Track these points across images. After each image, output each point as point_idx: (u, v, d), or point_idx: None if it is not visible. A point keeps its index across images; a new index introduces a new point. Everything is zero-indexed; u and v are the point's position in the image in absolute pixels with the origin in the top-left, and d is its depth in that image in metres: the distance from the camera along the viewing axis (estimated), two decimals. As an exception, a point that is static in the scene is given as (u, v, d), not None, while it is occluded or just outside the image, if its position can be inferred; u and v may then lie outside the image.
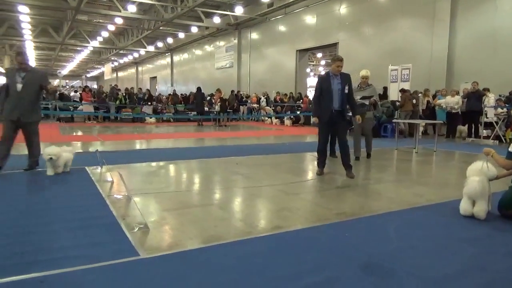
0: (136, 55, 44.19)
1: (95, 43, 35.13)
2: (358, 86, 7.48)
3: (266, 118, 20.12)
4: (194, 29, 28.53)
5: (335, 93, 5.71)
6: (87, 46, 36.90)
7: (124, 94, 19.78)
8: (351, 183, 5.50)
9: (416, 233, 3.31)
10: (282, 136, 13.52)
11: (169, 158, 7.34)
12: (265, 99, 21.67)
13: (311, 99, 20.19)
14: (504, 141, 10.90)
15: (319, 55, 35.70)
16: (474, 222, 3.61)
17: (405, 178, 6.05)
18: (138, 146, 9.88)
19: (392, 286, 2.33)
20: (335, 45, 19.55)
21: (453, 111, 12.13)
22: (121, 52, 41.54)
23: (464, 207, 3.76)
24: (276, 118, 19.33)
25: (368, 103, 7.32)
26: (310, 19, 20.98)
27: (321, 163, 6.00)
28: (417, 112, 13.09)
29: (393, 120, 12.06)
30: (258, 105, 21.88)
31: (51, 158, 5.23)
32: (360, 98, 7.28)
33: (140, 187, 4.92)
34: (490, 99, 11.54)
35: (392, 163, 7.63)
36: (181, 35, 31.53)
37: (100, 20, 29.27)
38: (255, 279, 2.40)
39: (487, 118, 11.68)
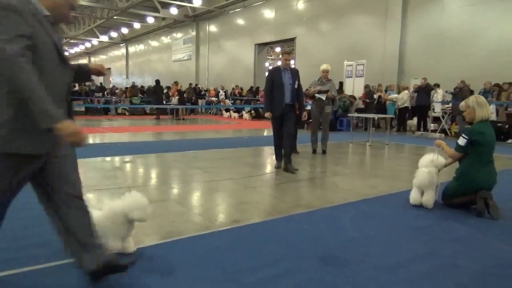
0: (88, 45, 42.25)
1: (42, 31, 33.13)
2: (319, 80, 7.60)
3: (225, 112, 20.03)
4: (151, 20, 27.73)
5: (287, 87, 5.70)
6: (34, 34, 34.76)
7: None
8: (309, 176, 5.62)
9: (370, 223, 3.44)
10: (241, 129, 13.53)
11: (125, 153, 7.11)
12: (223, 93, 21.56)
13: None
14: (450, 134, 11.60)
15: (278, 49, 35.96)
16: (423, 211, 3.81)
17: (360, 171, 6.27)
18: (91, 140, 9.48)
19: (347, 275, 2.41)
20: (293, 39, 19.79)
21: (399, 106, 12.74)
22: (72, 41, 39.56)
23: (414, 196, 3.97)
24: (234, 111, 19.29)
25: (325, 98, 7.43)
26: (268, 13, 21.06)
27: (278, 157, 6.06)
28: (373, 107, 13.62)
29: (348, 114, 12.47)
30: (216, 99, 21.73)
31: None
32: (317, 93, 7.41)
33: (93, 183, 4.73)
34: (438, 95, 12.23)
35: (347, 156, 7.87)
36: (137, 25, 30.56)
37: (48, 7, 27.63)
38: (215, 274, 2.39)
39: (434, 112, 12.38)
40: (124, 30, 34.66)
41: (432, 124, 12.39)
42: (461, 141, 3.82)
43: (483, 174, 3.74)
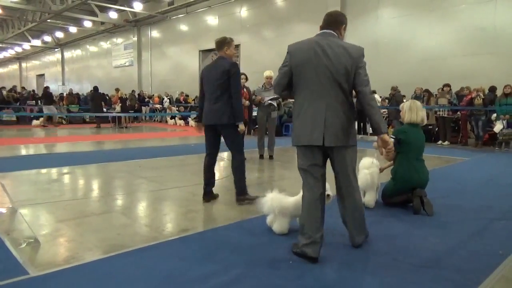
0: (19, 49, 39.41)
1: (-35, 34, 30.42)
2: (263, 86, 7.74)
3: (170, 119, 19.62)
4: (88, 24, 26.53)
5: None
6: (-45, 37, 31.81)
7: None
8: (257, 181, 5.67)
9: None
10: (187, 137, 13.33)
11: (63, 164, 6.70)
12: (168, 100, 21.12)
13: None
14: (387, 137, 12.31)
15: (222, 56, 36.03)
16: (365, 211, 3.98)
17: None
18: (24, 152, 8.82)
19: (296, 278, 2.46)
20: (237, 46, 19.94)
21: None
22: (0, 45, 36.67)
23: (357, 197, 4.15)
24: (180, 118, 18.96)
25: (276, 104, 7.61)
26: (212, 20, 21.06)
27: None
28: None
29: (293, 120, 12.80)
30: (161, 106, 21.22)
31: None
32: (269, 100, 7.55)
33: (28, 197, 4.40)
34: (373, 100, 12.95)
35: (293, 160, 8.04)
36: (73, 29, 29.06)
37: (-28, 8, 25.41)
38: (164, 286, 2.32)
39: (372, 116, 13.07)
40: (59, 34, 32.82)
41: (370, 128, 13.08)
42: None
43: (415, 173, 4.00)
